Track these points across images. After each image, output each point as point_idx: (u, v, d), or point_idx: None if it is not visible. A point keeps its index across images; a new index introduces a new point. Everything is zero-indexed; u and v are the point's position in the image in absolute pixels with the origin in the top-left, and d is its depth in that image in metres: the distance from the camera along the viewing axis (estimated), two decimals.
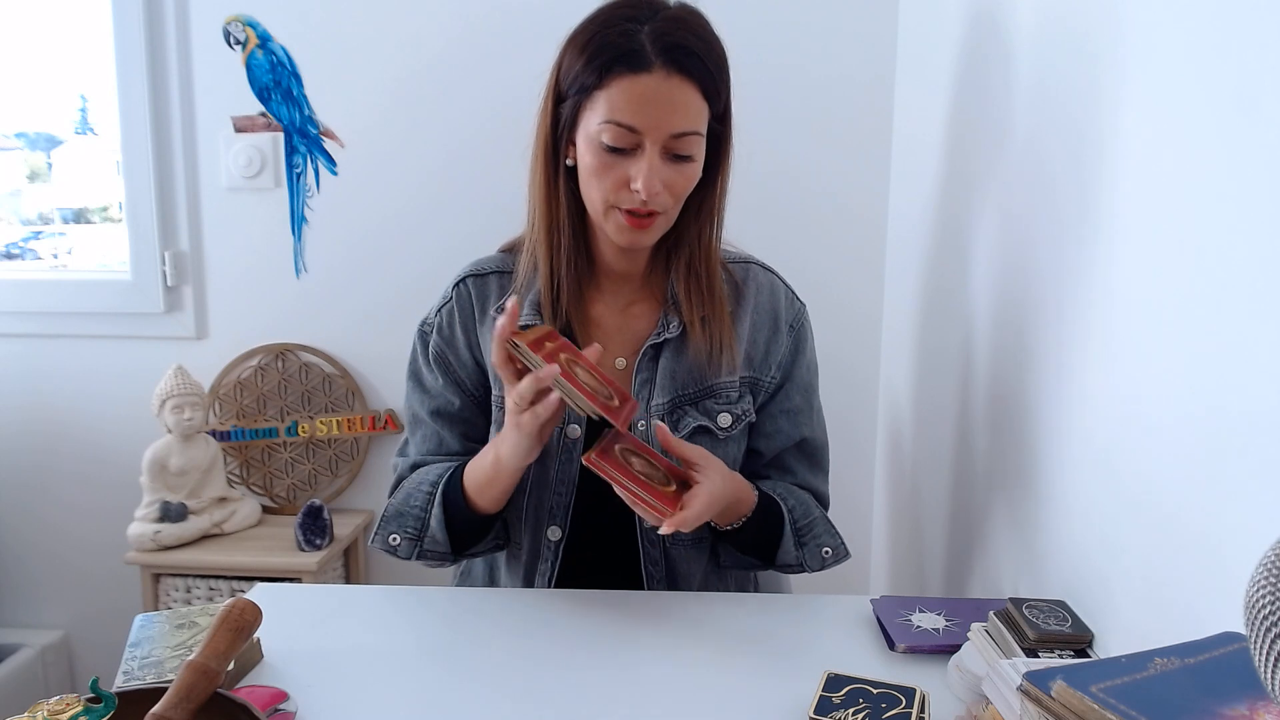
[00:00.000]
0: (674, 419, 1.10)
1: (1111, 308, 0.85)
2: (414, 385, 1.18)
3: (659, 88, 0.98)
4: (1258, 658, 0.41)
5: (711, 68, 1.00)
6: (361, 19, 1.91)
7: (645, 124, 0.98)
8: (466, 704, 0.83)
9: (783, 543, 1.09)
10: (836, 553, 1.12)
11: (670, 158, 1.00)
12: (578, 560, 1.13)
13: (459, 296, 1.15)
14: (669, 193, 1.02)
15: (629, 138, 0.99)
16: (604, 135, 0.99)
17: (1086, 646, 0.81)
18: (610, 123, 0.99)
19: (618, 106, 0.98)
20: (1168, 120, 0.76)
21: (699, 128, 1.01)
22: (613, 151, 1.00)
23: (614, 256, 1.11)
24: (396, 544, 1.09)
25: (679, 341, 1.11)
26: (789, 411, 1.16)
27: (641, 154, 0.99)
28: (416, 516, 1.08)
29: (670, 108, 0.98)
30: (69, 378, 2.08)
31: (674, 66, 0.98)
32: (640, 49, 0.97)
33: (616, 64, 0.98)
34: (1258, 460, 0.63)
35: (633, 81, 0.98)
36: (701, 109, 1.01)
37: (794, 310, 1.17)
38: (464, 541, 1.09)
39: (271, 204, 1.99)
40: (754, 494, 1.08)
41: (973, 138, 1.27)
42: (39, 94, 2.23)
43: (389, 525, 1.10)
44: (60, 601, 2.17)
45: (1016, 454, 1.07)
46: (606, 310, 1.14)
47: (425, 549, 1.09)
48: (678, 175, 1.01)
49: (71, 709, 0.66)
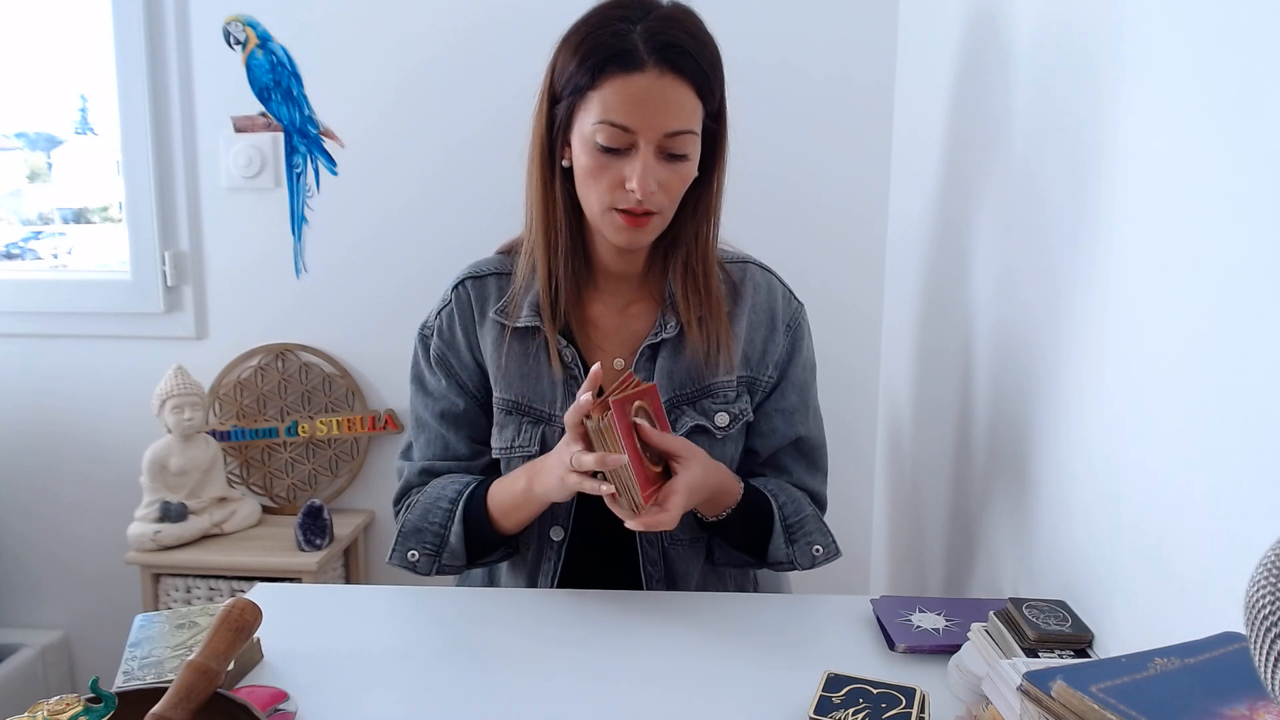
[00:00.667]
0: (672, 418, 1.10)
1: (1110, 308, 0.85)
2: (417, 388, 1.18)
3: (652, 87, 0.98)
4: (1258, 658, 0.41)
5: (705, 66, 1.00)
6: (361, 19, 1.91)
7: (639, 123, 0.98)
8: (467, 704, 0.83)
9: (773, 539, 1.09)
10: (827, 551, 1.12)
11: (665, 157, 1.00)
12: (578, 560, 1.13)
13: (458, 299, 1.15)
14: (664, 192, 1.02)
15: (623, 137, 0.99)
16: (598, 135, 0.99)
17: (1086, 646, 0.81)
18: (604, 123, 0.99)
19: (611, 106, 0.98)
20: (1166, 122, 0.76)
21: (693, 126, 1.01)
22: (607, 151, 1.00)
23: (611, 257, 1.11)
24: (416, 560, 1.10)
25: (676, 341, 1.11)
26: (784, 411, 1.16)
27: (636, 153, 0.99)
28: (436, 533, 1.09)
29: (664, 107, 0.98)
30: (69, 378, 2.08)
31: (667, 65, 0.98)
32: (633, 48, 0.97)
33: (609, 64, 0.98)
34: (1257, 460, 0.63)
35: (626, 81, 0.98)
36: (695, 108, 1.01)
37: (791, 309, 1.18)
38: (481, 554, 1.11)
39: (271, 204, 1.99)
40: (739, 485, 1.08)
41: (973, 139, 1.27)
42: (39, 94, 2.23)
43: (408, 541, 1.11)
44: (60, 601, 2.17)
45: (1016, 454, 1.07)
46: (605, 310, 1.14)
47: (444, 564, 1.10)
48: (673, 175, 1.01)
49: (72, 709, 0.66)
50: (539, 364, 1.11)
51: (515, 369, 1.11)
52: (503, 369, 1.11)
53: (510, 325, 1.11)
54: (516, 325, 1.11)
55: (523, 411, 1.11)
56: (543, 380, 1.11)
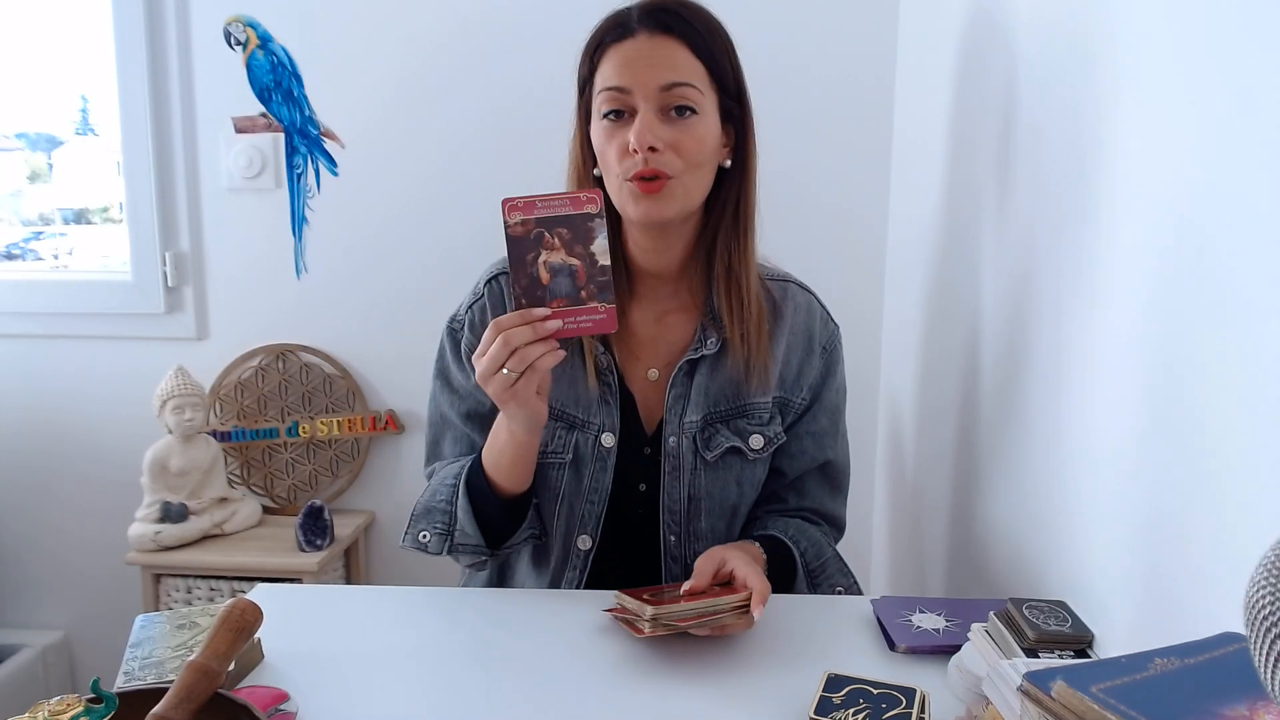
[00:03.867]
0: (705, 436, 1.09)
1: (1110, 308, 0.85)
2: (442, 385, 1.15)
3: (642, 47, 1.00)
4: (1258, 658, 0.41)
5: (699, 27, 1.01)
6: (362, 19, 1.91)
7: (632, 81, 0.99)
8: (467, 704, 0.83)
9: (795, 586, 1.08)
10: (849, 590, 1.12)
11: (669, 115, 1.00)
12: (604, 569, 1.12)
13: (491, 293, 1.12)
14: (675, 153, 1.00)
15: (621, 99, 1.00)
16: (602, 106, 1.01)
17: (1086, 646, 0.81)
18: (603, 91, 1.01)
19: (607, 75, 1.01)
20: (1168, 121, 0.76)
21: (691, 79, 1.00)
22: (612, 119, 1.01)
23: (645, 253, 1.09)
24: (426, 540, 1.07)
25: (715, 358, 1.09)
26: (815, 434, 1.15)
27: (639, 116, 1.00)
28: (443, 511, 1.06)
29: (654, 62, 0.99)
30: (70, 378, 2.08)
31: (655, 26, 1.00)
32: (625, 21, 1.01)
33: (605, 40, 1.02)
34: (1257, 460, 0.63)
35: (618, 49, 1.01)
36: (693, 64, 1.01)
37: (828, 332, 1.17)
38: (495, 532, 1.07)
39: (272, 205, 1.99)
40: (759, 550, 1.06)
41: (973, 139, 1.27)
42: (39, 94, 2.24)
43: (418, 523, 1.08)
44: (61, 602, 2.17)
45: (1016, 454, 1.07)
46: (642, 318, 1.12)
47: (456, 543, 1.06)
48: (681, 134, 1.00)
49: (72, 709, 0.66)
50: (574, 369, 1.09)
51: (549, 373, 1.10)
52: None
53: None
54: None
55: (556, 417, 1.09)
56: (577, 385, 1.09)
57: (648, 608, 0.88)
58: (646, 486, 1.11)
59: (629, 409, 1.11)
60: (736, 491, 1.12)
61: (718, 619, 0.89)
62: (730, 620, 0.90)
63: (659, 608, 0.88)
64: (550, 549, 1.12)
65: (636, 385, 1.12)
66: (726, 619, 0.90)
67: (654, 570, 1.12)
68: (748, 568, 0.94)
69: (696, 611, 0.89)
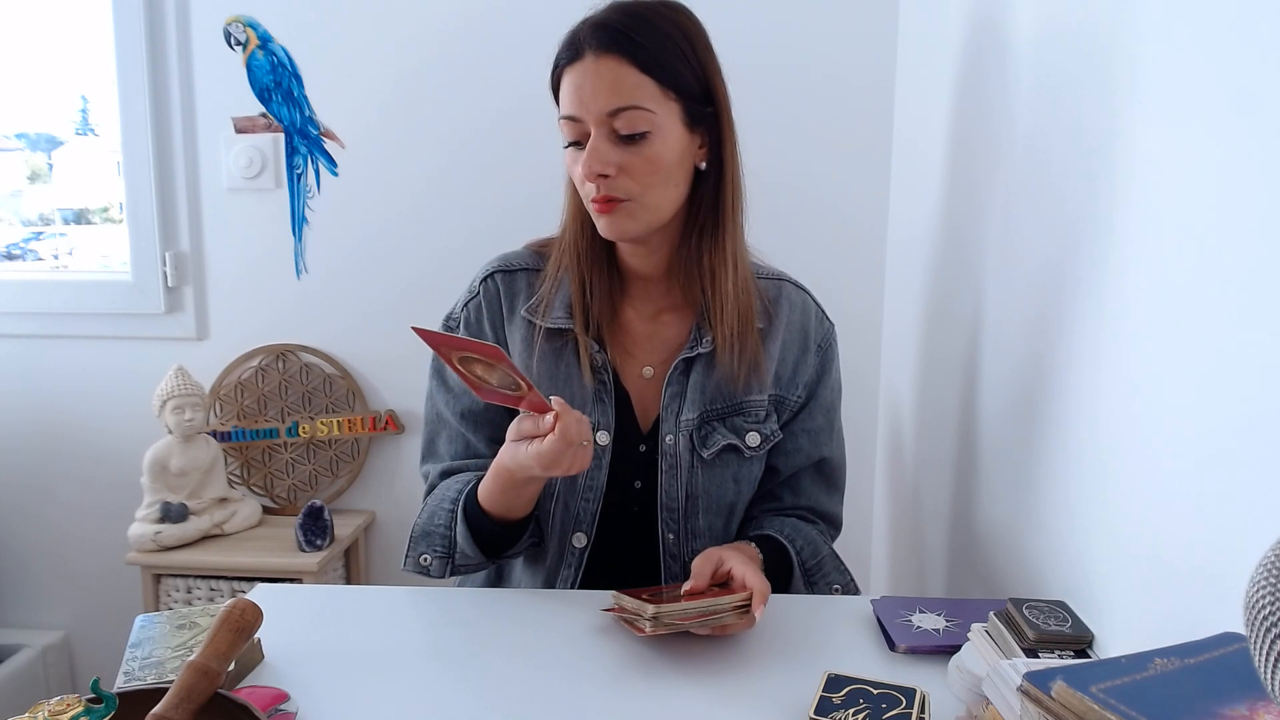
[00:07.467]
0: (702, 434, 1.09)
1: (1110, 308, 0.85)
2: (438, 383, 1.15)
3: (587, 71, 0.99)
4: (1258, 658, 0.41)
5: (642, 39, 0.98)
6: (361, 19, 1.91)
7: (580, 109, 0.99)
8: (467, 704, 0.83)
9: (791, 585, 1.08)
10: (846, 589, 1.12)
11: (620, 139, 0.99)
12: (599, 567, 1.12)
13: (486, 291, 1.13)
14: (629, 176, 0.99)
15: (575, 128, 1.00)
16: (562, 134, 1.02)
17: (1086, 647, 0.81)
18: (560, 119, 1.01)
19: (563, 102, 1.01)
20: (1171, 122, 0.76)
21: (637, 100, 0.98)
22: (573, 148, 1.02)
23: (630, 257, 1.11)
24: (429, 564, 1.07)
25: (710, 356, 1.09)
26: (810, 431, 1.15)
27: None
28: (443, 535, 1.07)
29: (599, 87, 0.98)
30: (70, 378, 2.08)
31: (599, 46, 0.98)
32: (575, 41, 1.00)
33: (560, 61, 1.02)
34: (1258, 461, 0.63)
35: (570, 73, 1.00)
36: (640, 82, 0.98)
37: (823, 330, 1.17)
38: (495, 549, 1.07)
39: (272, 205, 1.99)
40: (755, 550, 1.06)
41: (974, 141, 1.27)
42: (39, 94, 2.24)
43: (419, 545, 1.08)
44: (61, 602, 2.17)
45: (1016, 454, 1.07)
46: (636, 317, 1.13)
47: (458, 565, 1.07)
48: (634, 156, 0.99)
49: (72, 709, 0.66)
50: (569, 367, 1.09)
51: (545, 371, 1.09)
52: (532, 370, 1.09)
53: (541, 325, 1.09)
54: (549, 325, 1.09)
55: None
56: (572, 384, 1.09)
57: (649, 607, 0.88)
58: (642, 484, 1.11)
59: (624, 406, 1.11)
60: (734, 489, 1.12)
61: (719, 618, 0.90)
62: (731, 620, 0.90)
63: (660, 607, 0.88)
64: (545, 547, 1.12)
65: (631, 383, 1.12)
66: (727, 618, 0.90)
67: (651, 568, 1.12)
68: (746, 567, 0.94)
69: (698, 610, 0.89)
